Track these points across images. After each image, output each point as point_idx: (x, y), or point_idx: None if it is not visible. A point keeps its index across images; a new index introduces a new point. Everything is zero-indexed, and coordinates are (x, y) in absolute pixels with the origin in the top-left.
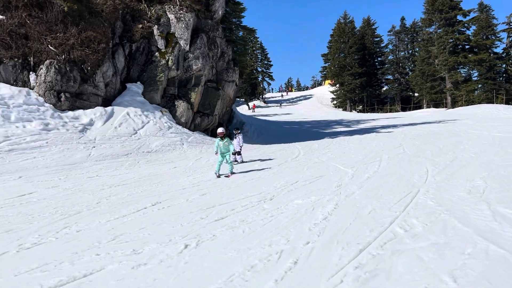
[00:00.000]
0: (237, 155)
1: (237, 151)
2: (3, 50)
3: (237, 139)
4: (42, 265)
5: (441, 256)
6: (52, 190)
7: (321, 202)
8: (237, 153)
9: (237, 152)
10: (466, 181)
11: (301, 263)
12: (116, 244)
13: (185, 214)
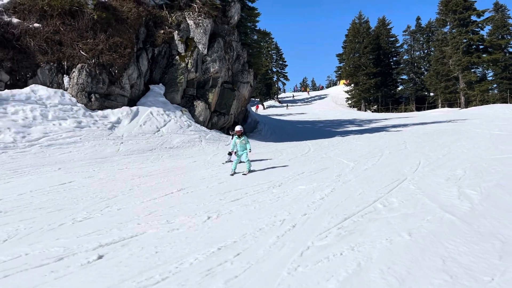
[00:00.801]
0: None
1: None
2: (40, 55)
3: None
4: (96, 231)
5: (405, 221)
6: (88, 180)
7: (321, 187)
8: (235, 153)
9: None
10: (449, 171)
11: (298, 227)
12: (152, 217)
13: (206, 197)
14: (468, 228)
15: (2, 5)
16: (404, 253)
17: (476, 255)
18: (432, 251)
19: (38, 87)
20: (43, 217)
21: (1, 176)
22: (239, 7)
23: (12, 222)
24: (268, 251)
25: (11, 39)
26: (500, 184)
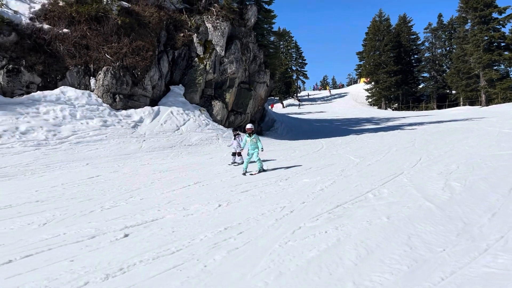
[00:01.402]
0: (237, 156)
1: (238, 151)
2: (69, 59)
3: (237, 140)
4: (121, 216)
5: (389, 208)
6: (114, 174)
7: (323, 180)
8: (238, 154)
9: (237, 153)
10: (444, 166)
11: (295, 212)
12: (170, 205)
13: (219, 189)
14: (440, 213)
15: (34, 12)
16: (379, 231)
17: (438, 233)
18: (403, 230)
19: (67, 88)
20: (75, 205)
21: (35, 171)
22: (255, 10)
23: (49, 210)
24: (266, 230)
25: (42, 44)
26: (486, 178)
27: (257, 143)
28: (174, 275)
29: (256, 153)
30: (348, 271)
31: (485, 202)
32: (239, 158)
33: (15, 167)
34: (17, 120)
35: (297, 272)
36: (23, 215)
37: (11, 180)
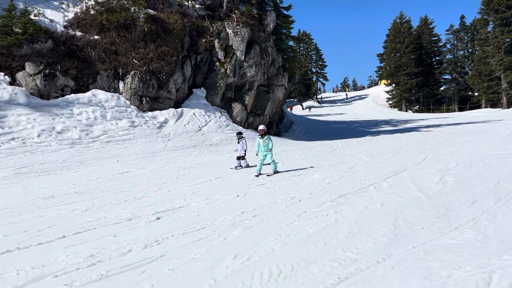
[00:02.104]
0: (241, 160)
1: (241, 155)
2: (99, 64)
3: (240, 143)
4: (152, 204)
5: (384, 197)
6: (142, 170)
7: (332, 176)
8: (241, 157)
9: (241, 156)
10: (445, 164)
11: (303, 201)
12: (195, 195)
13: (237, 183)
14: (428, 202)
15: (68, 21)
16: (371, 215)
17: (421, 216)
18: (392, 214)
19: (98, 91)
20: (110, 196)
21: (71, 167)
22: (274, 16)
23: (87, 200)
24: (276, 214)
25: (75, 50)
26: (479, 173)
27: (269, 144)
28: (200, 245)
29: (270, 155)
30: (339, 242)
31: (471, 193)
32: (243, 161)
33: (53, 163)
34: (54, 120)
35: (299, 243)
36: (66, 203)
37: (50, 175)
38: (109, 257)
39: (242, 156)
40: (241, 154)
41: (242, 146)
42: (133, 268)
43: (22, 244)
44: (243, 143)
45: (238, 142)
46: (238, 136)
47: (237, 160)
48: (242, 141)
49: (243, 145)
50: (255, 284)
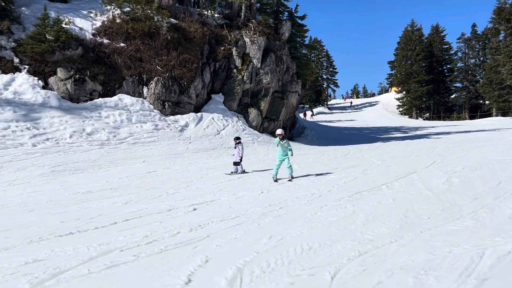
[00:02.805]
0: (237, 166)
1: (237, 161)
2: (125, 70)
3: (237, 149)
4: (186, 198)
5: (396, 194)
6: (167, 170)
7: (347, 177)
8: (237, 163)
9: (237, 162)
10: (452, 167)
11: (323, 196)
12: (222, 192)
13: (259, 181)
14: (435, 198)
15: (96, 29)
16: (384, 207)
17: (428, 209)
18: (403, 207)
19: (124, 96)
20: (144, 192)
21: (101, 166)
22: (289, 25)
23: (124, 195)
24: (300, 207)
25: (103, 56)
26: (483, 175)
27: (288, 149)
28: (238, 229)
29: (287, 159)
30: (358, 227)
31: (473, 192)
32: (239, 167)
33: (85, 162)
34: (84, 122)
35: (323, 228)
36: (104, 198)
37: (83, 173)
38: (162, 237)
39: (237, 162)
40: (236, 160)
41: (238, 152)
42: (186, 245)
43: (80, 228)
44: (239, 149)
45: (235, 147)
46: (235, 141)
47: (233, 166)
48: (239, 147)
49: (239, 151)
50: (290, 256)
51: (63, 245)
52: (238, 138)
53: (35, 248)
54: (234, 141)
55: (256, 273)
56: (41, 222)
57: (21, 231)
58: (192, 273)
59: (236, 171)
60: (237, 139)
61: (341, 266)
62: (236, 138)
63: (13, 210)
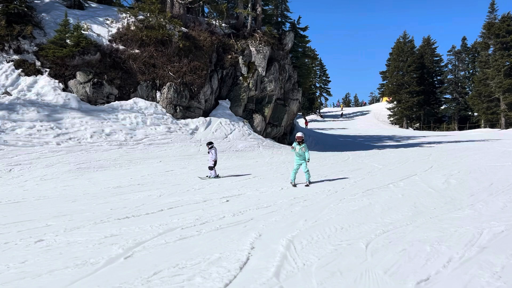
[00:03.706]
0: (210, 170)
1: (211, 165)
2: (139, 75)
3: (210, 154)
4: (214, 192)
5: (403, 191)
6: (184, 169)
7: (355, 177)
8: (209, 167)
9: (210, 167)
10: (449, 171)
11: (339, 192)
12: (245, 188)
13: (274, 180)
14: (437, 194)
15: (112, 35)
16: (396, 200)
17: (433, 202)
18: (411, 200)
19: (138, 99)
20: (171, 187)
21: (122, 164)
22: (292, 36)
23: (153, 189)
24: (322, 199)
25: (119, 62)
26: (476, 178)
27: (305, 153)
28: (274, 214)
29: (305, 164)
30: (377, 214)
31: (470, 190)
32: (212, 172)
33: (107, 161)
34: (102, 124)
35: (347, 214)
36: (136, 192)
37: (106, 170)
38: (211, 220)
39: (211, 166)
40: (210, 165)
41: (211, 156)
42: (236, 225)
43: (133, 214)
44: (213, 153)
45: (208, 152)
46: (208, 146)
47: (209, 170)
48: (212, 151)
49: (212, 156)
50: (327, 233)
51: (127, 225)
52: (210, 143)
53: (104, 228)
54: (207, 146)
55: (304, 243)
56: (92, 210)
57: (79, 215)
58: (252, 242)
59: (211, 175)
60: (209, 144)
61: (370, 239)
62: (208, 143)
63: (57, 201)
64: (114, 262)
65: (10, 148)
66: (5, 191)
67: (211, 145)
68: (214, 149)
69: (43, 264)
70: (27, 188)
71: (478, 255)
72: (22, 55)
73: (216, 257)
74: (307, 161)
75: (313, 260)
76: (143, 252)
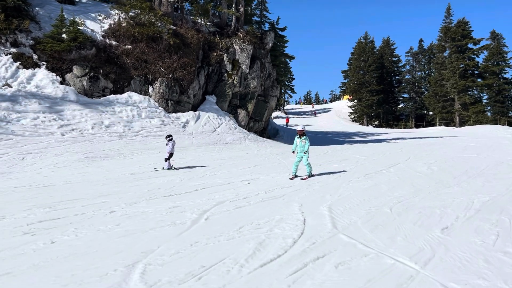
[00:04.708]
0: (165, 161)
1: (166, 157)
2: (133, 70)
3: (168, 146)
4: (231, 177)
5: (396, 175)
6: (184, 160)
7: (349, 165)
8: (165, 159)
9: (165, 158)
10: (426, 160)
11: (342, 176)
12: (254, 174)
13: (275, 168)
14: (426, 177)
15: (104, 31)
16: (395, 181)
17: (425, 183)
18: (407, 181)
19: (132, 93)
20: (185, 174)
21: (125, 154)
22: (273, 35)
23: (168, 175)
24: (333, 181)
25: (113, 57)
26: (453, 166)
27: (305, 145)
28: (300, 192)
29: (306, 157)
30: (385, 192)
31: (451, 174)
32: (166, 164)
33: (110, 151)
34: (101, 116)
35: (361, 191)
36: (154, 177)
37: (112, 160)
38: (249, 195)
39: (166, 158)
40: (165, 156)
41: (168, 149)
42: (275, 198)
43: (172, 193)
44: (170, 146)
45: (167, 144)
46: (166, 139)
47: (165, 162)
48: (170, 144)
49: (169, 148)
50: (354, 203)
51: (178, 200)
52: (169, 136)
53: (158, 202)
54: (166, 139)
55: (341, 209)
56: (129, 191)
57: (123, 195)
58: (299, 209)
59: (165, 167)
60: (168, 137)
61: (391, 206)
62: (167, 136)
63: (86, 185)
64: (198, 222)
65: (19, 138)
66: (26, 177)
67: (170, 137)
68: (172, 142)
69: (138, 225)
70: (45, 174)
71: (476, 214)
72: (19, 48)
73: (278, 218)
74: (304, 153)
75: (355, 219)
76: (216, 216)
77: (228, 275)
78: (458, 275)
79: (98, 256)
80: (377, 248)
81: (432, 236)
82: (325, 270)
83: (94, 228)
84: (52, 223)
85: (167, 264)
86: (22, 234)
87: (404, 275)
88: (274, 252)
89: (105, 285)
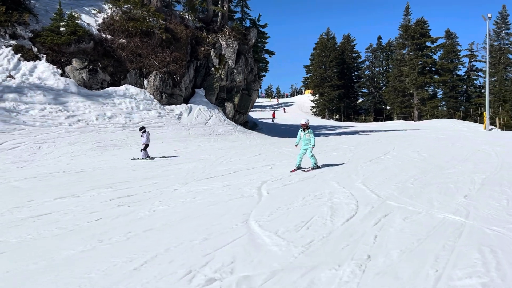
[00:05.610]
0: (140, 151)
1: (142, 148)
2: (128, 63)
3: (143, 137)
4: (249, 162)
5: (393, 162)
6: (187, 149)
7: (345, 153)
8: (140, 149)
9: (141, 149)
10: (413, 148)
11: (350, 160)
12: (266, 161)
13: (279, 157)
14: (423, 162)
15: (99, 25)
16: (401, 165)
17: (425, 166)
18: (411, 165)
19: (129, 86)
20: (201, 162)
21: (132, 144)
22: (256, 32)
23: (187, 163)
24: (346, 164)
25: (110, 51)
26: (438, 153)
27: (310, 139)
28: (327, 173)
29: (310, 149)
30: (397, 173)
31: (442, 159)
32: (142, 153)
33: (118, 141)
34: (103, 107)
35: (378, 172)
36: (174, 164)
37: (122, 149)
38: (283, 177)
39: (142, 148)
40: (141, 147)
41: (143, 140)
42: (309, 178)
43: (209, 176)
44: (145, 137)
45: (142, 136)
46: (140, 131)
47: (140, 152)
48: (144, 136)
49: (143, 139)
50: (381, 180)
51: (225, 180)
52: (143, 128)
53: (207, 183)
54: (140, 131)
55: (373, 185)
56: (167, 175)
57: (166, 177)
58: (338, 185)
59: (141, 157)
60: (142, 129)
61: (412, 182)
62: (141, 128)
63: (116, 170)
64: (263, 196)
65: (30, 128)
66: (50, 164)
67: (143, 129)
68: (146, 134)
69: (214, 198)
70: (67, 162)
71: (482, 187)
72: (18, 40)
73: (328, 192)
74: (312, 146)
75: (391, 191)
76: (274, 191)
77: (326, 226)
78: (493, 223)
79: (209, 217)
80: (423, 209)
81: (459, 201)
82: (397, 222)
83: (177, 201)
84: (133, 198)
85: (273, 220)
86: (117, 206)
87: (456, 224)
88: (348, 213)
89: (240, 233)
